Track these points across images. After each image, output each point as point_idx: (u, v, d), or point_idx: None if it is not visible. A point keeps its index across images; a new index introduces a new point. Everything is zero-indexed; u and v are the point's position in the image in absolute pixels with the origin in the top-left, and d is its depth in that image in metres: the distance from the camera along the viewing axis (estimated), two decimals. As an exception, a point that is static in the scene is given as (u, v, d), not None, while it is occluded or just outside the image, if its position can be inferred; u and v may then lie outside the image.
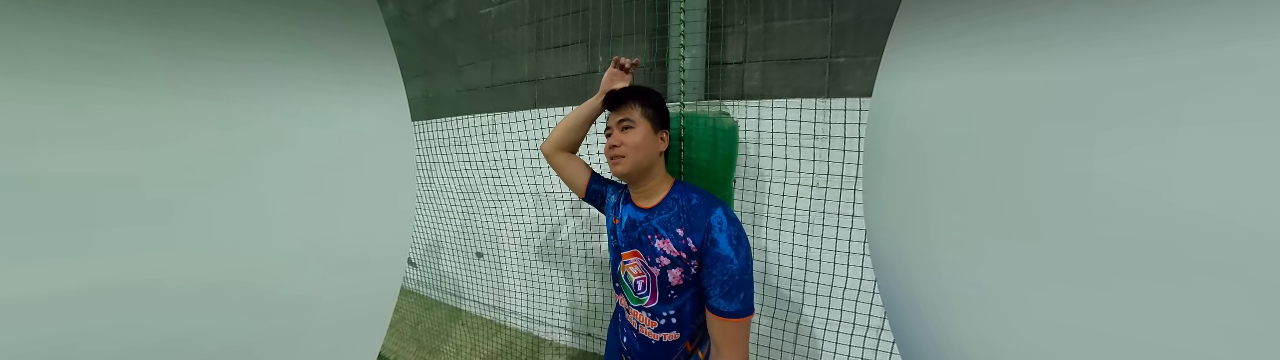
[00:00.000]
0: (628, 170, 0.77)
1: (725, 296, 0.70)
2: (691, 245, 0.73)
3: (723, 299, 0.70)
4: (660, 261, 0.75)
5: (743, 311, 0.70)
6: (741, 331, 0.71)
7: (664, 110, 0.83)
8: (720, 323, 0.71)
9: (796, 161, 1.22)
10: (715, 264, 0.71)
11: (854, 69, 1.18)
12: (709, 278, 0.72)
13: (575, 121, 0.91)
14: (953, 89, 0.61)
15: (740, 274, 0.70)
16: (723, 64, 1.31)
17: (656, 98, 0.82)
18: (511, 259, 1.97)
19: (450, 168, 2.16)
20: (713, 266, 0.71)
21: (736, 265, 0.70)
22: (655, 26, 1.41)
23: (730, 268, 0.70)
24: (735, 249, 0.70)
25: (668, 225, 0.75)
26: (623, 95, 0.81)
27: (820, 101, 1.20)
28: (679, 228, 0.74)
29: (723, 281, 0.70)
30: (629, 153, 0.76)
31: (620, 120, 0.78)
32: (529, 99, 1.82)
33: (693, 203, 0.76)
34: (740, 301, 0.70)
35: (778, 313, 1.33)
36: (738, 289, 0.70)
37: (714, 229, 0.71)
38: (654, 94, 0.82)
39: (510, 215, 1.93)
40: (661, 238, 0.75)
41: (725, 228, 0.71)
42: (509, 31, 1.84)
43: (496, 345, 1.93)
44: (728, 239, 0.70)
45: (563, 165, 0.92)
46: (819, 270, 1.24)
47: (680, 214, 0.75)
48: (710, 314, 0.73)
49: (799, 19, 1.23)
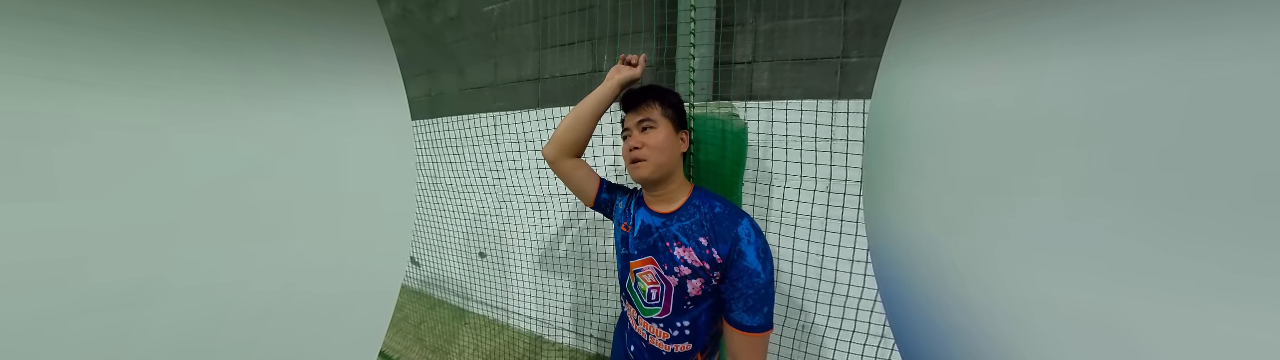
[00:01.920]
0: (649, 174, 0.73)
1: (749, 310, 0.68)
2: (717, 256, 0.69)
3: (746, 313, 0.68)
4: (680, 270, 0.71)
5: (765, 326, 0.68)
6: (762, 346, 0.69)
7: (682, 109, 0.80)
8: (742, 337, 0.69)
9: (812, 165, 1.19)
10: (741, 277, 0.68)
11: (866, 70, 1.14)
12: (733, 291, 0.69)
13: (582, 115, 0.82)
14: (954, 88, 0.60)
15: (766, 288, 0.68)
16: (732, 64, 1.28)
17: (675, 97, 0.79)
18: (516, 259, 1.96)
19: (454, 167, 2.14)
20: (738, 280, 0.68)
21: (763, 279, 0.68)
22: (663, 24, 1.38)
23: (757, 281, 0.68)
24: (762, 262, 0.68)
25: (689, 233, 0.72)
26: (641, 94, 0.77)
27: (832, 103, 1.17)
28: (702, 236, 0.70)
29: (748, 295, 0.68)
30: (651, 155, 0.72)
31: (640, 120, 0.74)
32: (533, 98, 1.80)
33: (717, 211, 0.72)
34: (764, 316, 0.68)
35: (786, 320, 1.31)
36: (762, 303, 0.68)
37: (742, 241, 0.69)
38: (672, 93, 0.79)
39: (514, 215, 1.92)
40: (683, 246, 0.72)
41: (753, 240, 0.69)
42: (513, 29, 1.81)
43: (499, 345, 1.93)
44: (756, 252, 0.68)
45: (569, 172, 0.86)
46: (832, 277, 1.22)
47: (703, 222, 0.72)
48: (730, 328, 0.70)
49: (811, 17, 1.20)
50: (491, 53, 1.92)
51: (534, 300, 1.95)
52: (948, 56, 0.61)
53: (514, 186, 1.88)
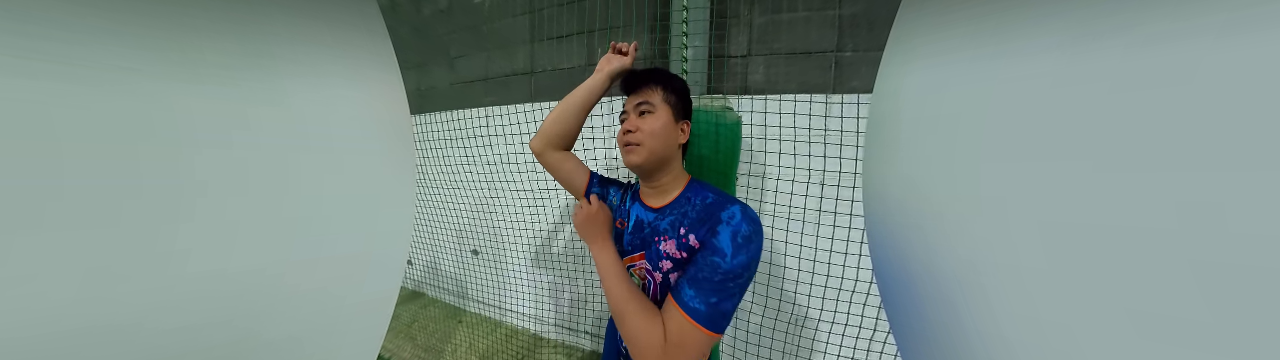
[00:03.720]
0: (642, 160, 0.68)
1: (697, 292, 0.56)
2: (693, 242, 0.63)
3: (693, 291, 0.57)
4: (663, 266, 0.68)
5: (708, 319, 0.55)
6: (694, 340, 0.55)
7: (687, 98, 0.75)
8: (678, 316, 0.56)
9: (806, 158, 1.19)
10: (705, 257, 0.58)
11: (860, 64, 1.15)
12: (693, 269, 0.59)
13: (570, 107, 0.78)
14: (955, 83, 0.60)
15: (727, 278, 0.56)
16: (726, 57, 1.28)
17: (681, 83, 0.74)
18: (509, 256, 1.95)
19: (445, 163, 2.12)
20: (701, 260, 0.59)
21: (727, 265, 0.57)
22: (657, 15, 1.37)
23: (718, 264, 0.57)
24: (735, 247, 0.58)
25: (674, 225, 0.68)
26: (643, 76, 0.72)
27: (826, 97, 1.17)
28: (683, 227, 0.66)
29: (703, 279, 0.57)
30: (645, 140, 0.67)
31: (638, 103, 0.70)
32: (525, 92, 1.78)
33: (708, 201, 0.67)
34: (710, 307, 0.55)
35: (780, 313, 1.32)
36: (717, 293, 0.56)
37: (722, 223, 0.61)
38: (678, 79, 0.74)
39: (507, 212, 1.90)
40: (667, 239, 0.67)
41: (736, 222, 0.60)
42: (504, 22, 1.79)
43: (494, 342, 1.91)
44: (732, 234, 0.59)
45: (557, 165, 0.82)
46: (825, 270, 1.23)
47: (689, 213, 0.67)
48: (671, 301, 0.58)
49: (806, 11, 1.19)
50: (483, 45, 1.89)
51: (529, 297, 1.94)
52: (950, 51, 0.61)
53: (506, 183, 1.86)
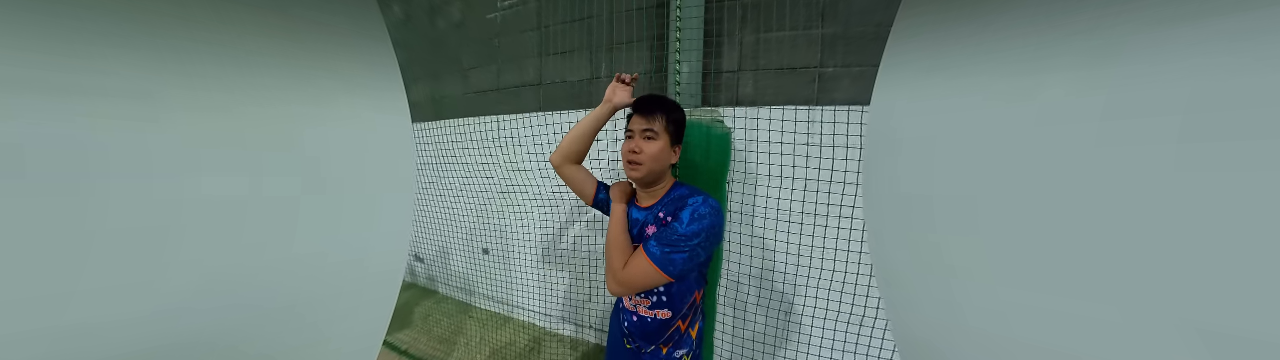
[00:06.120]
0: (641, 176, 0.87)
1: (659, 244, 0.77)
2: (666, 220, 0.83)
3: (656, 242, 0.78)
4: None
5: (660, 260, 0.76)
6: (642, 268, 0.77)
7: (683, 126, 0.90)
8: (638, 253, 0.79)
9: (791, 167, 1.30)
10: (669, 225, 0.80)
11: (841, 79, 1.25)
12: (658, 232, 0.81)
13: (583, 132, 0.97)
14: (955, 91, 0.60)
15: (681, 239, 0.76)
16: (718, 72, 1.39)
17: (680, 114, 0.89)
18: (518, 254, 2.06)
19: (460, 168, 2.24)
20: (666, 227, 0.80)
21: (682, 229, 0.77)
22: (655, 34, 1.48)
23: (676, 228, 0.77)
24: (692, 219, 0.77)
25: (657, 215, 0.87)
26: (654, 105, 0.86)
27: (809, 110, 1.27)
28: (662, 213, 0.86)
29: (663, 236, 0.78)
30: (646, 161, 0.84)
31: (644, 129, 0.85)
32: (535, 103, 1.90)
33: (681, 194, 0.86)
34: (664, 256, 0.76)
35: (770, 311, 1.42)
36: (671, 247, 0.76)
37: (687, 208, 0.80)
38: (679, 110, 0.89)
39: (516, 213, 2.02)
40: (650, 226, 0.87)
41: (697, 206, 0.79)
42: (514, 37, 1.91)
43: (504, 336, 2.03)
44: (691, 211, 0.78)
45: (572, 176, 1.00)
46: (813, 269, 1.33)
47: (668, 205, 0.87)
48: (640, 247, 0.80)
49: (791, 30, 1.30)
50: (494, 58, 2.02)
51: (537, 294, 2.05)
52: (947, 64, 0.61)
53: (515, 185, 1.98)
